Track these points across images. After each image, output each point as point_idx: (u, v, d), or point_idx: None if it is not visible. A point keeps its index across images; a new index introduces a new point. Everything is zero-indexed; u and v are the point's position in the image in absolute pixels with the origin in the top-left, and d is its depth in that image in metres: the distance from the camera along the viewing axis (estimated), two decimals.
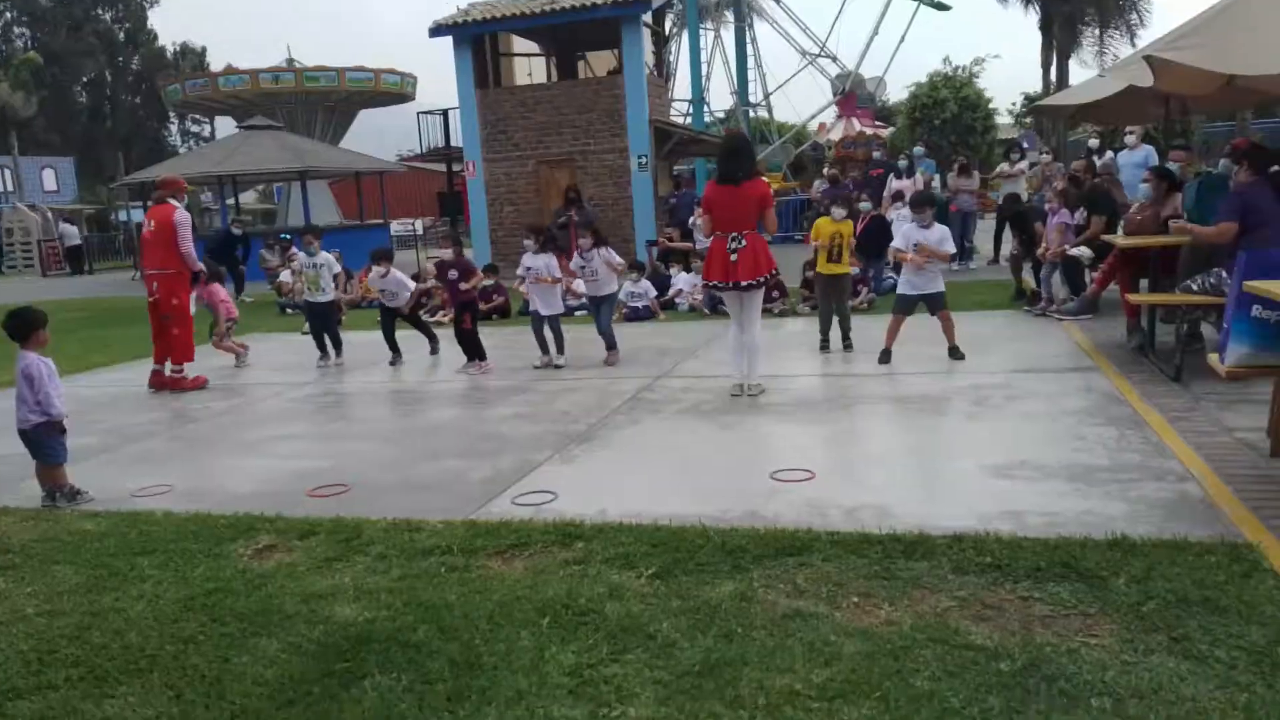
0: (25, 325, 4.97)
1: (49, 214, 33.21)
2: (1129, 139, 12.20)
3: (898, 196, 13.31)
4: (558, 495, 4.60)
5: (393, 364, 8.84)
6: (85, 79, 57.76)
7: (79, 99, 58.32)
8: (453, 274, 8.22)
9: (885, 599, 3.22)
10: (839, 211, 8.03)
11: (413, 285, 9.14)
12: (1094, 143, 14.10)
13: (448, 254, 8.40)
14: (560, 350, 8.23)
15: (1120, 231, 7.98)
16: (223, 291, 9.21)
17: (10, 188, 40.80)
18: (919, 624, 3.01)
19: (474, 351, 8.17)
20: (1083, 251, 8.80)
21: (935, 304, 7.39)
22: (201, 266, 8.59)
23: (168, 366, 8.25)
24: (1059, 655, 2.77)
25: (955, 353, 7.32)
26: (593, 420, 6.19)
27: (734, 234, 6.36)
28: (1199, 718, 2.41)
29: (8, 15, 58.21)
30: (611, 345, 8.24)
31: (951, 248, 7.60)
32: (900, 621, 3.04)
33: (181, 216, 8.30)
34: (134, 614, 3.50)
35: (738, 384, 6.61)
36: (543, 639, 3.08)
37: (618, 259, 8.50)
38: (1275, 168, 6.22)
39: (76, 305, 17.71)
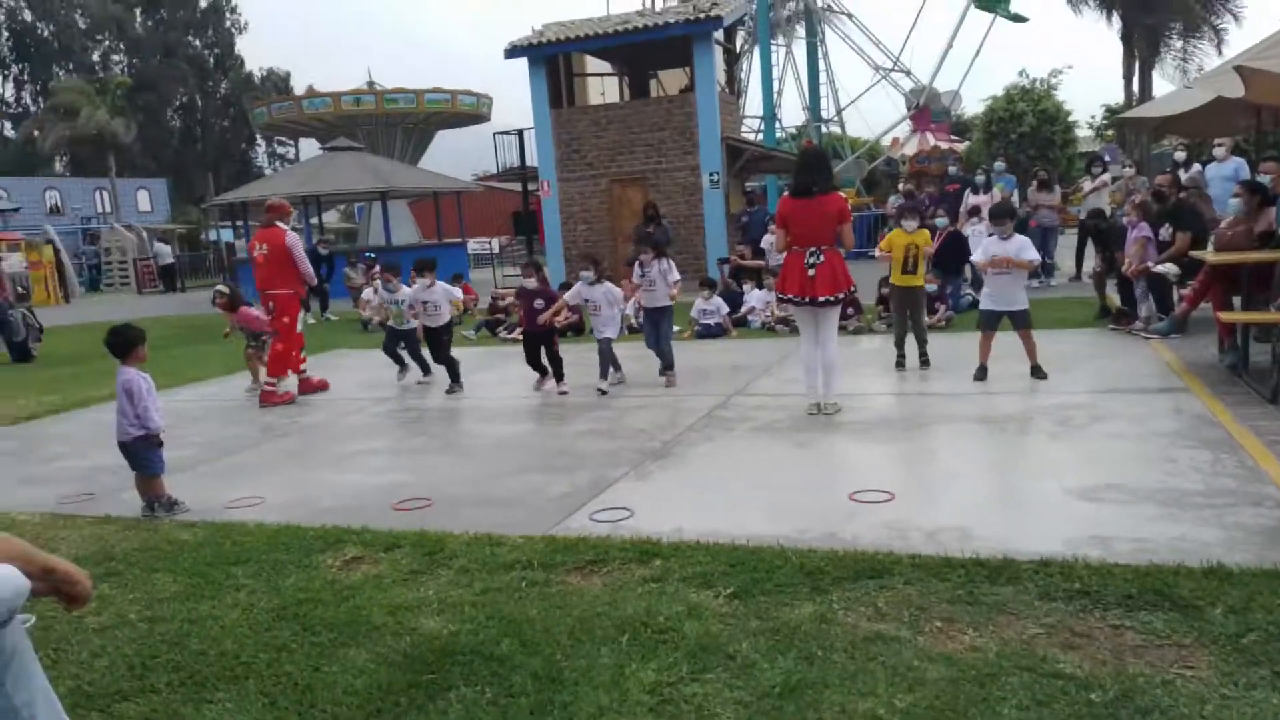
0: (126, 342, 5.21)
1: (144, 234, 34.64)
2: (1218, 151, 11.82)
3: (974, 212, 13.10)
4: (634, 512, 4.64)
5: (422, 380, 9.17)
6: (177, 103, 60.21)
7: (171, 123, 60.83)
8: (539, 303, 8.22)
9: (969, 624, 3.17)
10: (910, 223, 7.94)
11: (458, 294, 9.44)
12: (1180, 155, 13.69)
13: (531, 282, 8.30)
14: (617, 368, 8.25)
15: (1211, 247, 7.73)
16: (254, 310, 9.43)
17: (108, 209, 42.70)
18: (1005, 651, 2.96)
19: (558, 372, 8.20)
20: (1169, 268, 8.55)
21: (1020, 321, 7.26)
22: (316, 281, 9.01)
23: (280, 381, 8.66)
24: (1153, 687, 2.70)
25: (1037, 372, 7.17)
26: (667, 437, 6.21)
27: (811, 248, 6.34)
28: None
29: (106, 43, 61.10)
30: (669, 365, 8.18)
31: (1034, 255, 7.44)
32: (985, 648, 2.99)
33: (293, 239, 8.76)
34: (229, 622, 3.63)
35: (814, 403, 6.57)
36: (622, 656, 3.11)
37: (675, 274, 8.40)
38: None
39: (171, 322, 18.42)
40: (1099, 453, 5.15)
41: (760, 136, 28.24)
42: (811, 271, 6.30)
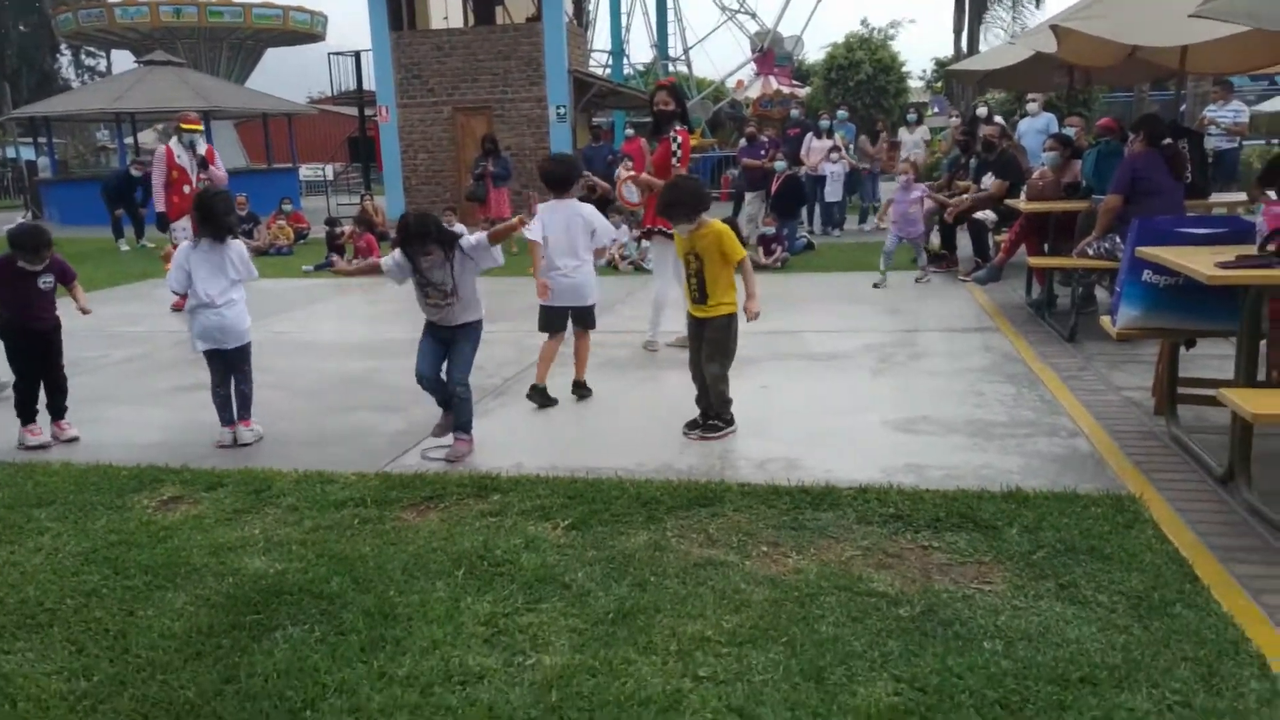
0: None
1: None
2: (1030, 106, 12.57)
3: (834, 149, 13.67)
4: (472, 449, 4.59)
5: None
6: None
7: None
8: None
9: (793, 548, 3.33)
10: (684, 225, 4.68)
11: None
12: (982, 111, 14.48)
13: None
14: None
15: (1023, 197, 8.25)
16: None
17: None
18: (824, 572, 3.13)
19: None
20: (987, 215, 9.07)
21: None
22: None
23: None
24: (955, 601, 2.92)
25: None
26: (508, 374, 6.17)
27: None
28: (1082, 659, 2.57)
29: None
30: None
31: None
32: (807, 570, 3.16)
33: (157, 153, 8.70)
34: (31, 567, 3.39)
35: (650, 339, 6.66)
36: (458, 590, 3.11)
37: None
38: (1168, 140, 6.49)
39: None
40: (916, 387, 5.47)
41: (608, 72, 27.96)
42: None
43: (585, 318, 5.53)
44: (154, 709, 2.52)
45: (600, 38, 30.94)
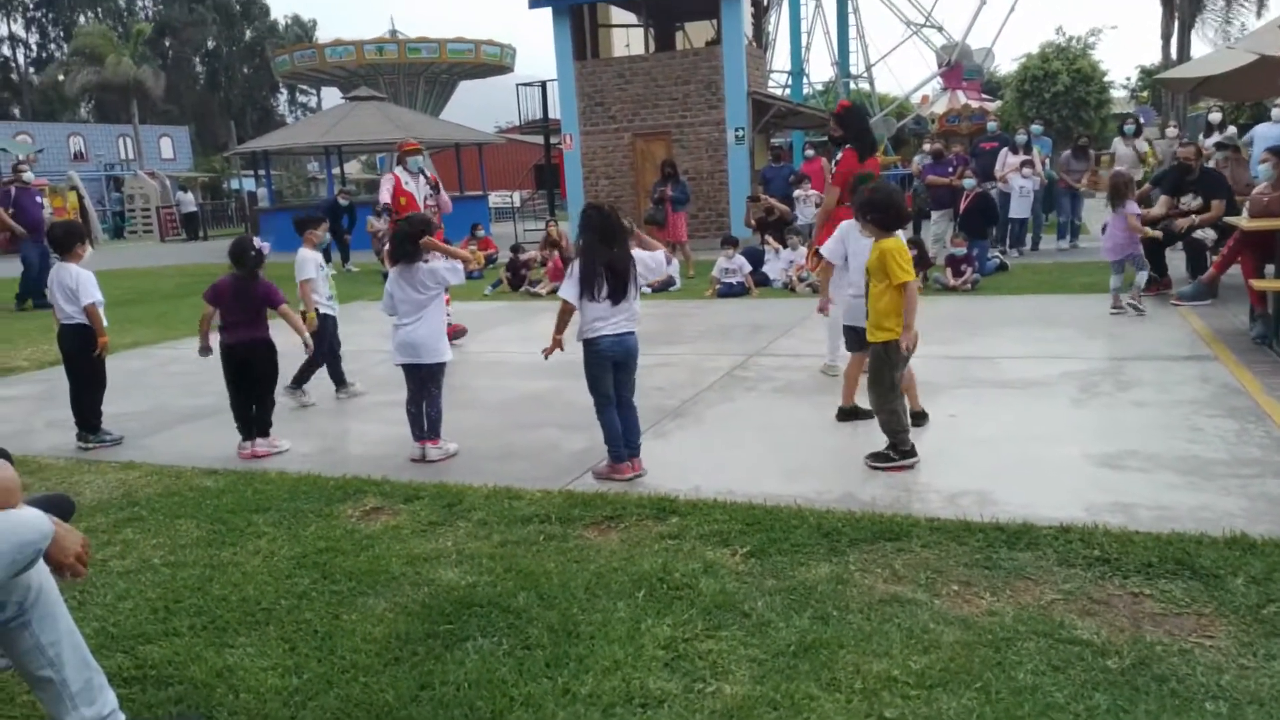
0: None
1: (167, 181, 34.72)
2: (1276, 111, 11.49)
3: (1026, 164, 13.09)
4: (651, 470, 4.63)
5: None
6: (203, 50, 60.02)
7: (195, 69, 60.69)
8: None
9: (986, 588, 3.16)
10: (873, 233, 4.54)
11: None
12: (1215, 117, 13.39)
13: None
14: None
15: (1245, 213, 7.57)
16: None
17: (131, 155, 42.82)
18: (1022, 615, 2.96)
19: None
20: (1206, 233, 8.38)
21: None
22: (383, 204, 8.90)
23: None
24: (1170, 655, 2.69)
25: None
26: (686, 396, 6.20)
27: None
28: None
29: None
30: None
31: None
32: (1002, 612, 2.99)
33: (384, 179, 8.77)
34: (251, 568, 3.68)
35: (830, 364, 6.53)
36: (638, 611, 3.13)
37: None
38: None
39: (192, 270, 18.51)
40: (1123, 420, 5.10)
41: (787, 91, 27.82)
42: None
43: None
44: (356, 709, 2.66)
45: (780, 58, 30.89)
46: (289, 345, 5.67)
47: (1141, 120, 15.52)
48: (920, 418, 5.11)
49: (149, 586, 3.56)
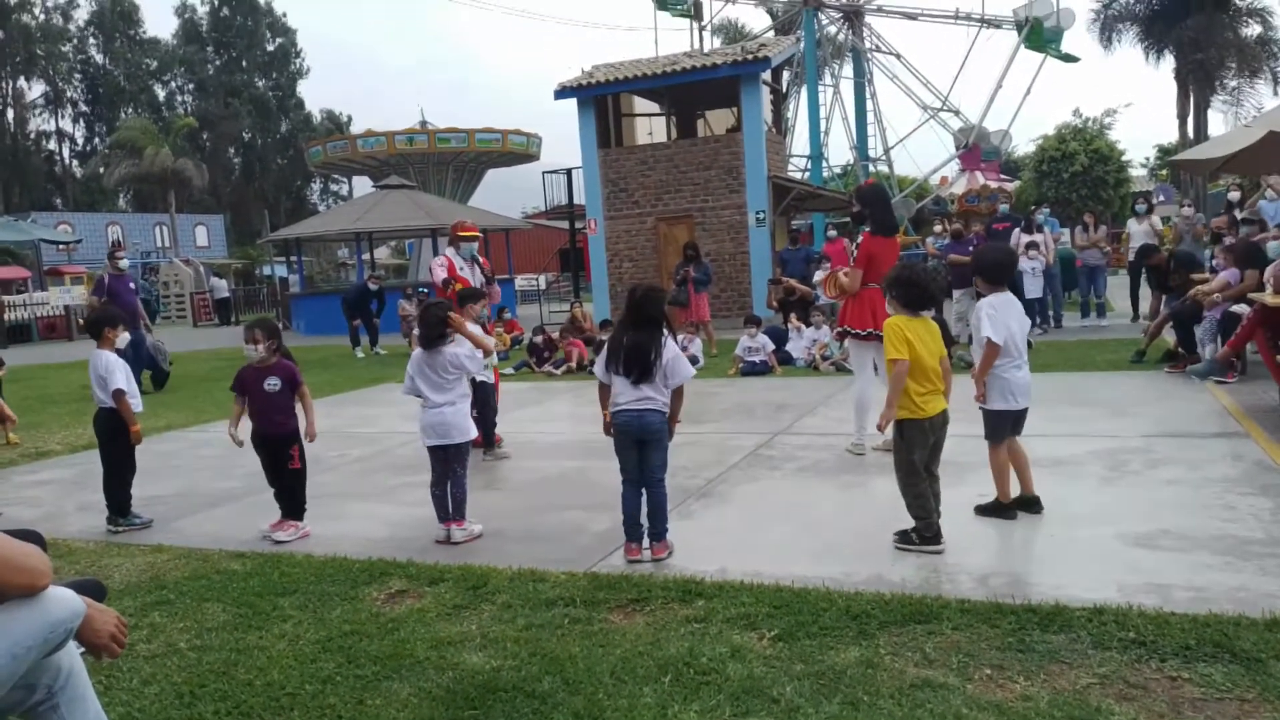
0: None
1: (201, 268, 35.57)
2: (1270, 191, 11.59)
3: (1031, 246, 13.16)
4: (676, 551, 4.61)
5: None
6: (239, 143, 62.10)
7: (232, 160, 62.70)
8: None
9: (1020, 672, 3.10)
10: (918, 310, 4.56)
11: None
12: (1234, 196, 13.46)
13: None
14: None
15: (1270, 288, 7.55)
16: None
17: (167, 243, 44.01)
18: (1056, 700, 2.89)
19: None
20: (1242, 307, 8.36)
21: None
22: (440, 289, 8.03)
23: None
24: None
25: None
26: (711, 475, 6.19)
27: None
28: None
29: (174, 84, 63.30)
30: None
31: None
32: (1036, 697, 2.92)
33: (436, 260, 8.25)
34: (276, 652, 3.67)
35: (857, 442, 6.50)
36: (665, 696, 3.09)
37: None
38: None
39: (224, 354, 18.81)
40: (1154, 498, 5.03)
41: (807, 175, 28.27)
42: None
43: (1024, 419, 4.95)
44: None
45: (799, 142, 31.44)
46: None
47: (1161, 198, 15.65)
48: (1031, 504, 4.83)
49: (174, 671, 3.56)
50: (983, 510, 4.88)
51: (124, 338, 5.87)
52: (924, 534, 4.39)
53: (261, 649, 3.72)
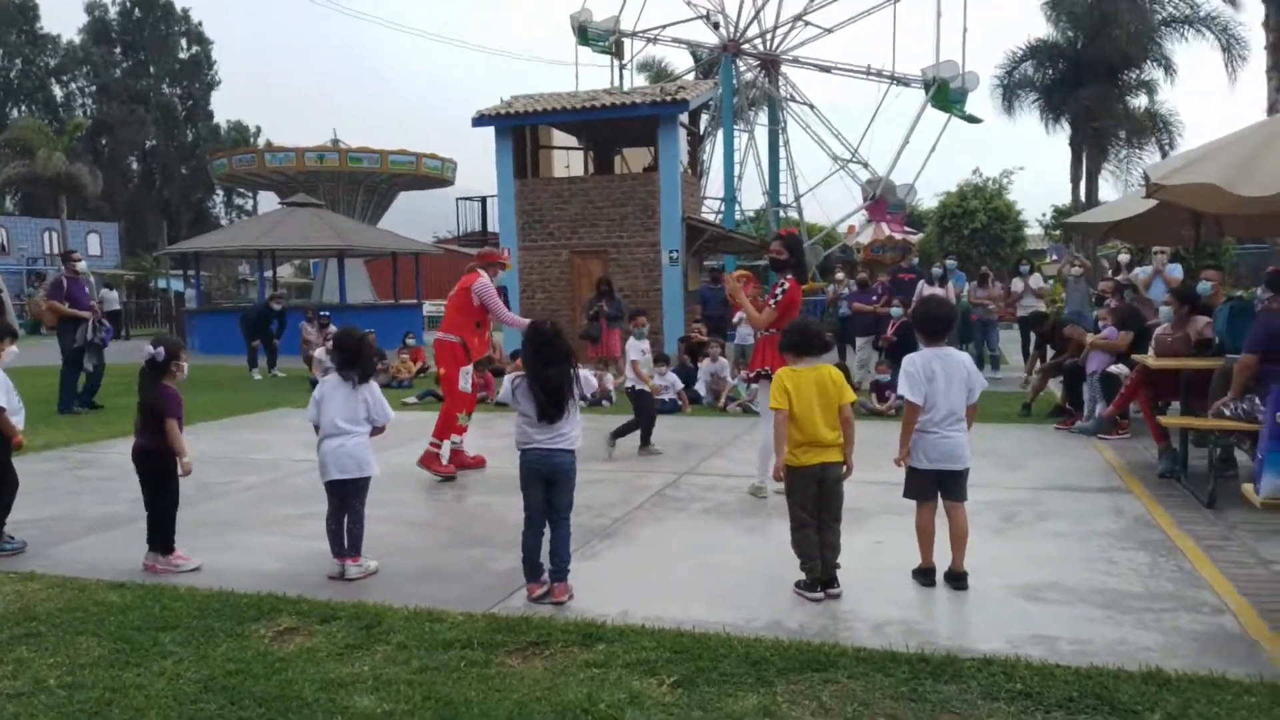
0: None
1: (91, 278, 33.98)
2: (1158, 259, 12.29)
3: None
4: (579, 593, 4.56)
5: None
6: (140, 150, 59.80)
7: (131, 167, 60.32)
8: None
9: None
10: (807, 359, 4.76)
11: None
12: (1124, 258, 14.22)
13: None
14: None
15: (1150, 352, 7.98)
16: None
17: (57, 249, 41.97)
18: None
19: None
20: (1121, 368, 8.78)
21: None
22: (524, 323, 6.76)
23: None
24: None
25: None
26: (616, 515, 6.17)
27: None
28: None
29: (74, 85, 60.75)
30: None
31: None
32: None
33: (481, 282, 7.82)
34: (154, 692, 3.48)
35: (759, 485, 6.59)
36: None
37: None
38: None
39: (115, 371, 17.95)
40: (1041, 551, 5.22)
41: (720, 217, 28.75)
42: None
43: (959, 484, 4.68)
44: None
45: (714, 184, 31.96)
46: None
47: (1055, 257, 16.41)
48: (956, 579, 4.56)
49: (41, 711, 3.34)
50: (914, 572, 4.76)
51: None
52: (803, 581, 4.48)
53: (139, 688, 3.53)
